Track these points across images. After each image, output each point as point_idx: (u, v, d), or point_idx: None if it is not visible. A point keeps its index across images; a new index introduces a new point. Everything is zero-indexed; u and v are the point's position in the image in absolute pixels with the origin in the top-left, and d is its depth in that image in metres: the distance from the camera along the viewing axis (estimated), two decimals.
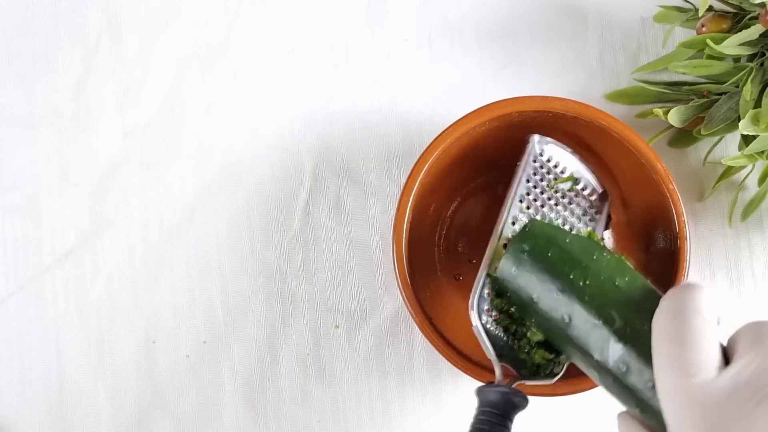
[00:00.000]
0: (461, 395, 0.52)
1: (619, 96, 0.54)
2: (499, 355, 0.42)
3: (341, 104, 0.55)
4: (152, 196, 0.55)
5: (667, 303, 0.33)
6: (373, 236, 0.54)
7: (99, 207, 0.55)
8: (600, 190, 0.48)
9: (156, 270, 0.54)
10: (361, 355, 0.53)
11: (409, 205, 0.46)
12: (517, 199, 0.45)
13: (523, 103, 0.46)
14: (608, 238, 0.51)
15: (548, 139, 0.46)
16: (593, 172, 0.47)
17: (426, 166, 0.46)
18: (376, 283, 0.54)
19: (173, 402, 0.53)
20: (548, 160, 0.46)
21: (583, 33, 0.56)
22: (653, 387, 0.33)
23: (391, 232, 0.46)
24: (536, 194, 0.46)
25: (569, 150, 0.47)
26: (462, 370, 0.45)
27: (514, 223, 0.45)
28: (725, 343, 0.32)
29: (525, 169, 0.46)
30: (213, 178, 0.55)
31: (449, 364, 0.45)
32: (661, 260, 0.47)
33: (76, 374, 0.53)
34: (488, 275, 0.43)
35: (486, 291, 0.43)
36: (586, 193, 0.47)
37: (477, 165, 0.51)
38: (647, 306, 0.35)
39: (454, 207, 0.52)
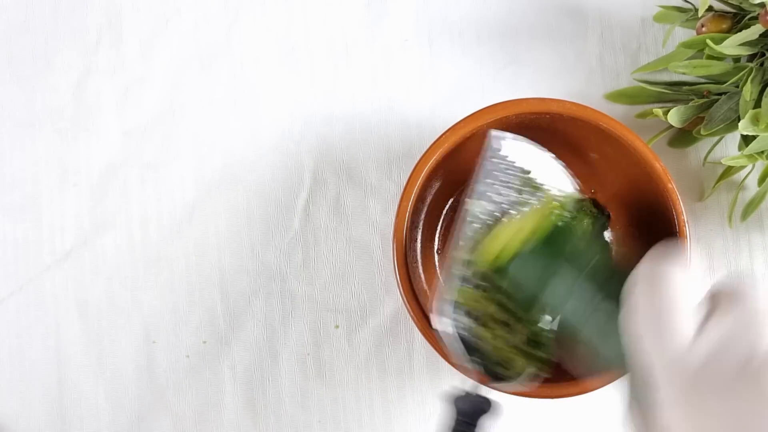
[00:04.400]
0: None
1: (619, 96, 0.54)
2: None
3: (341, 104, 0.55)
4: (152, 196, 0.55)
5: (639, 271, 0.32)
6: (373, 236, 0.54)
7: (99, 207, 0.55)
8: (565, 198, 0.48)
9: (156, 270, 0.54)
10: (361, 355, 0.53)
11: (409, 210, 0.46)
12: (475, 197, 0.44)
13: (520, 105, 0.46)
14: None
15: (506, 134, 0.45)
16: (563, 165, 0.47)
17: (424, 171, 0.46)
18: (376, 283, 0.54)
19: (173, 402, 0.53)
20: (506, 156, 0.45)
21: (583, 33, 0.56)
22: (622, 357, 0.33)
23: (391, 235, 0.46)
24: (497, 191, 0.45)
25: (529, 141, 0.46)
26: (462, 372, 0.45)
27: (473, 223, 0.44)
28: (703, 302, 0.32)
29: (483, 165, 0.44)
30: (213, 178, 0.55)
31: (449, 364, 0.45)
32: None
33: (76, 374, 0.53)
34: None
35: (453, 298, 0.43)
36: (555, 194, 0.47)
37: (475, 167, 0.50)
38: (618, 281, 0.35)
39: (453, 209, 0.52)
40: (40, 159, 0.55)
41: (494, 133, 0.45)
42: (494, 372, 0.43)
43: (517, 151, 0.46)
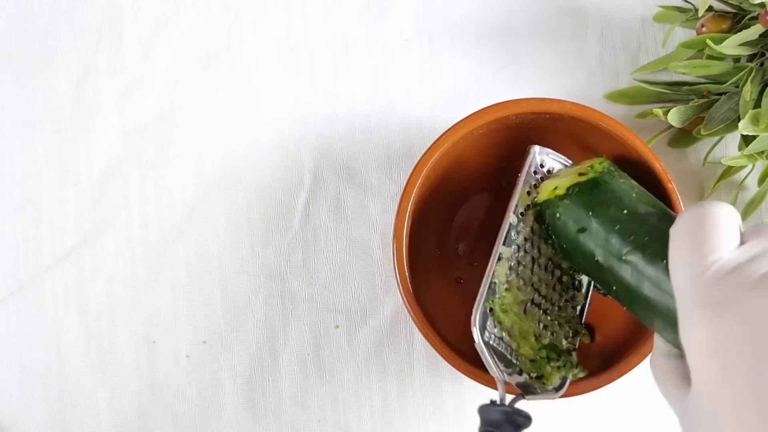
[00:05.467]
0: (461, 395, 0.52)
1: (619, 96, 0.54)
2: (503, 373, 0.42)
3: (341, 104, 0.55)
4: (152, 196, 0.55)
5: (690, 206, 0.34)
6: (373, 236, 0.54)
7: (99, 207, 0.55)
8: None
9: (156, 270, 0.54)
10: (361, 355, 0.53)
11: (409, 210, 0.46)
12: (519, 211, 0.44)
13: (520, 105, 0.46)
14: None
15: (549, 150, 0.46)
16: None
17: (424, 171, 0.46)
18: (376, 283, 0.54)
19: (173, 402, 0.53)
20: (549, 172, 0.46)
21: (583, 33, 0.56)
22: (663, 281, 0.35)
23: (392, 236, 0.46)
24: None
25: (570, 162, 0.47)
26: (462, 372, 0.45)
27: (516, 235, 0.44)
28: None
29: (526, 180, 0.45)
30: (213, 178, 0.55)
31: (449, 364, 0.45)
32: None
33: (76, 374, 0.53)
34: (538, 210, 0.44)
35: (489, 307, 0.43)
36: None
37: (475, 167, 0.51)
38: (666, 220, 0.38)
39: (454, 209, 0.52)
40: (40, 159, 0.55)
41: (536, 148, 0.46)
42: (528, 385, 0.43)
43: (555, 165, 0.46)
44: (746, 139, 0.50)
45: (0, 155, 0.55)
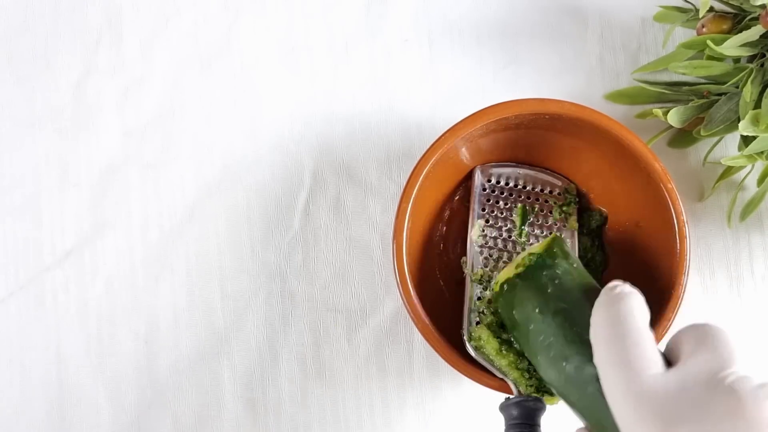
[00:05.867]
0: (461, 395, 0.52)
1: (619, 96, 0.54)
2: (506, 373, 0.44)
3: (341, 104, 0.55)
4: (152, 196, 0.55)
5: (602, 309, 0.34)
6: (373, 236, 0.54)
7: (99, 207, 0.55)
8: (565, 187, 0.50)
9: (156, 270, 0.54)
10: (361, 355, 0.53)
11: (409, 210, 0.46)
12: (479, 230, 0.49)
13: (519, 106, 0.46)
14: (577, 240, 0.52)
15: (490, 164, 0.50)
16: (552, 173, 0.50)
17: (424, 172, 0.46)
18: (376, 283, 0.54)
19: (173, 402, 0.53)
20: (498, 182, 0.50)
21: (583, 33, 0.56)
22: (597, 385, 0.34)
23: (392, 236, 0.46)
24: (496, 215, 0.49)
25: (513, 164, 0.50)
26: (462, 372, 0.45)
27: (481, 253, 0.49)
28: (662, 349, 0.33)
29: (478, 200, 0.49)
30: (213, 178, 0.55)
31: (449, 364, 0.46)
32: (661, 260, 0.47)
33: (76, 374, 0.53)
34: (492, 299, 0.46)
35: (476, 319, 0.46)
36: (555, 193, 0.49)
37: (475, 167, 0.51)
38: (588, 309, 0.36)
39: (454, 210, 0.52)
40: (40, 159, 0.55)
41: (479, 168, 0.50)
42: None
43: (504, 176, 0.50)
44: (746, 140, 0.50)
45: (0, 155, 0.55)
